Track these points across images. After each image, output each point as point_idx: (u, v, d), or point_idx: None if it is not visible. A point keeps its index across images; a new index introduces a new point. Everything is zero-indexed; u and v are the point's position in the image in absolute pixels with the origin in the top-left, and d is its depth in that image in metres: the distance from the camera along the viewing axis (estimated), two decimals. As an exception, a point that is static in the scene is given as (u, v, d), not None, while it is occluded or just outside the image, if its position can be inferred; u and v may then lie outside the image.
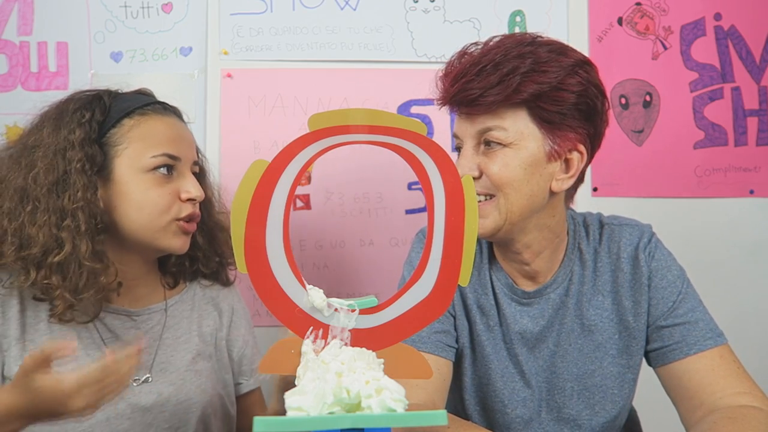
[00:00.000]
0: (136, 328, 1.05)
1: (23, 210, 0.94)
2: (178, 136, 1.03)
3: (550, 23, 1.54)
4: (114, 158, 0.98)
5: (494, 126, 0.94)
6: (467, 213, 0.69)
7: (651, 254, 1.04)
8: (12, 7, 1.43)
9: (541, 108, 0.93)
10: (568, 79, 0.93)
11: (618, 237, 1.06)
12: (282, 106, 1.48)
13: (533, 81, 0.92)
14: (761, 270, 1.59)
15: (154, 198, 0.98)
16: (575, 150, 0.97)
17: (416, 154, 0.68)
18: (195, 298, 1.13)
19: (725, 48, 1.58)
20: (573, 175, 0.98)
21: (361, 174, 1.49)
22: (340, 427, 0.54)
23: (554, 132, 0.95)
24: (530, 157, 0.95)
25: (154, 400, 1.00)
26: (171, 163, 1.00)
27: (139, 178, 0.98)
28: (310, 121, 0.64)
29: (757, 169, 1.59)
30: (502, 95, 0.91)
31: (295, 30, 1.49)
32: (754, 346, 1.58)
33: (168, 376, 1.03)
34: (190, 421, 1.02)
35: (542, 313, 1.05)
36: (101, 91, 1.03)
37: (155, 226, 0.99)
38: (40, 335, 0.98)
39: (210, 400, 1.06)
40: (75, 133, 0.96)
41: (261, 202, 0.66)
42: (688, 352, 0.98)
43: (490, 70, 0.92)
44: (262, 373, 1.10)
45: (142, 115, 1.01)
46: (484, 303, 1.08)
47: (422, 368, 0.71)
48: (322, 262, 1.49)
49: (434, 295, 0.70)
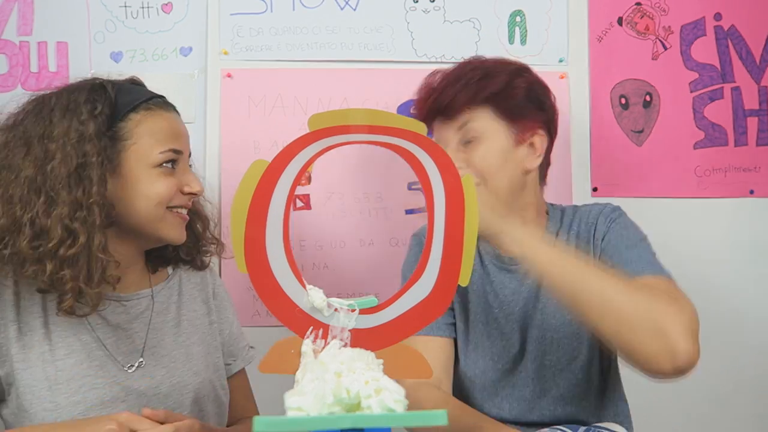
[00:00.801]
0: (126, 313, 1.05)
1: (36, 200, 0.93)
2: (180, 132, 1.06)
3: (550, 23, 1.54)
4: (121, 152, 0.99)
5: (467, 121, 1.14)
6: (467, 213, 0.69)
7: (612, 218, 1.16)
8: (12, 7, 1.43)
9: (501, 104, 1.13)
10: (515, 80, 1.14)
11: (588, 209, 1.21)
12: (282, 106, 1.48)
13: (489, 84, 1.13)
14: (761, 270, 1.59)
15: (161, 190, 1.00)
16: (536, 134, 1.16)
17: (416, 154, 0.68)
18: (181, 284, 1.15)
19: (725, 48, 1.58)
20: (540, 155, 1.17)
21: (361, 174, 1.49)
22: (340, 427, 0.54)
23: (515, 122, 1.14)
24: (501, 146, 1.13)
25: (148, 384, 1.02)
26: (175, 158, 1.03)
27: (147, 172, 1.00)
28: (310, 121, 0.64)
29: (757, 169, 1.59)
30: (466, 96, 1.12)
31: (295, 30, 1.49)
32: (754, 346, 1.58)
33: (160, 360, 1.05)
34: (184, 403, 1.04)
35: (526, 275, 1.13)
36: (103, 81, 1.03)
37: (158, 217, 1.01)
38: (34, 318, 0.99)
39: (203, 382, 1.07)
40: (88, 125, 0.96)
41: (261, 202, 0.66)
42: (633, 276, 1.00)
43: (453, 82, 1.14)
44: (263, 372, 1.10)
45: (147, 110, 1.02)
46: (473, 274, 1.14)
47: (422, 368, 0.71)
48: (322, 262, 1.49)
49: (434, 295, 0.70)
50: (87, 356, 0.99)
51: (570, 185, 1.53)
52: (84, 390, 0.97)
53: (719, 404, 1.56)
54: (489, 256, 1.21)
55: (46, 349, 0.98)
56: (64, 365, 0.98)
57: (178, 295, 1.13)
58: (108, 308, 1.03)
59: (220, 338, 1.16)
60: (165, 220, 1.01)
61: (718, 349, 1.58)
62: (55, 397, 0.95)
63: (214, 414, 1.10)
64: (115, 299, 1.04)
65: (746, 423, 1.57)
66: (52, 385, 0.96)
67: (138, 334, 1.05)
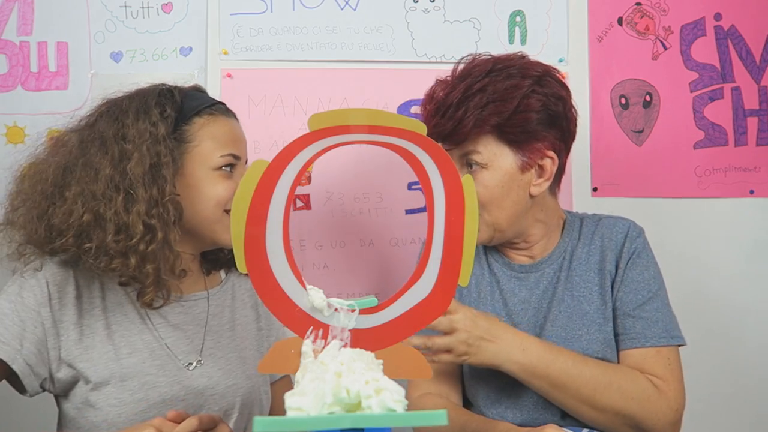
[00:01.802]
0: (185, 313, 1.09)
1: (117, 198, 0.97)
2: (240, 137, 1.10)
3: (550, 23, 1.54)
4: (184, 154, 1.04)
5: (471, 150, 1.08)
6: (467, 213, 0.69)
7: (636, 249, 1.13)
8: (12, 7, 1.43)
9: (507, 132, 1.07)
10: (528, 101, 1.06)
11: (612, 224, 1.17)
12: (282, 106, 1.48)
13: (495, 112, 1.05)
14: (761, 270, 1.59)
15: (220, 192, 1.04)
16: (545, 157, 1.10)
17: (416, 154, 0.68)
18: (234, 288, 1.18)
19: (725, 48, 1.58)
20: (548, 179, 1.11)
21: (361, 174, 1.49)
22: (340, 427, 0.54)
23: (522, 147, 1.08)
24: (505, 174, 1.08)
25: (206, 384, 1.05)
26: (234, 162, 1.07)
27: (208, 174, 1.04)
28: (310, 121, 0.64)
29: (757, 169, 1.59)
30: (468, 128, 1.05)
31: (295, 30, 1.49)
32: (754, 346, 1.58)
33: (217, 361, 1.08)
34: (236, 404, 1.07)
35: (537, 284, 1.15)
36: (170, 87, 1.07)
37: (216, 219, 1.04)
38: (95, 320, 1.02)
39: (253, 386, 1.11)
40: (158, 126, 1.01)
41: (261, 201, 0.66)
42: (644, 344, 1.09)
43: (455, 109, 1.06)
44: (262, 373, 1.11)
45: (210, 114, 1.07)
46: (481, 282, 1.19)
47: (422, 368, 0.71)
48: (322, 262, 1.49)
49: (434, 295, 0.70)
50: (149, 355, 1.03)
51: (570, 185, 1.53)
52: (146, 388, 1.00)
53: (719, 404, 1.56)
54: (498, 264, 1.20)
55: (109, 349, 1.01)
56: (128, 363, 1.01)
57: (232, 299, 1.17)
58: (168, 307, 1.06)
59: (267, 344, 1.18)
60: (222, 222, 1.04)
61: (718, 349, 1.58)
62: (120, 394, 0.99)
63: None
64: (174, 299, 1.07)
65: (746, 423, 1.57)
66: (117, 382, 0.99)
67: (196, 335, 1.09)
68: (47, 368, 1.00)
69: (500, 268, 1.19)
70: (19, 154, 1.09)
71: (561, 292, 1.14)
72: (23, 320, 0.98)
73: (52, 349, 0.99)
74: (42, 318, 0.99)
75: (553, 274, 1.16)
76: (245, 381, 1.09)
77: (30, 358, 0.97)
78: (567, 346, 1.11)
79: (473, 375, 1.16)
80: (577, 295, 1.14)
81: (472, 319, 1.01)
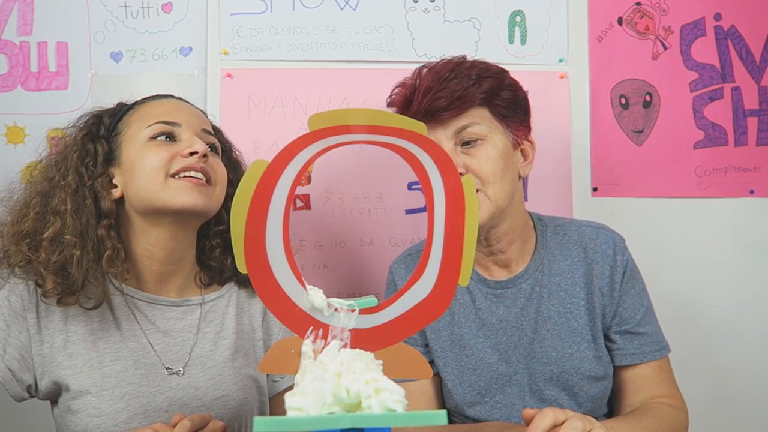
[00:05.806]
0: (177, 318, 1.07)
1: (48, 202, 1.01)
2: (175, 107, 1.08)
3: (550, 23, 1.54)
4: (120, 144, 1.05)
5: (469, 123, 1.08)
6: (467, 213, 0.69)
7: (628, 262, 1.14)
8: (12, 7, 1.43)
9: (496, 104, 1.09)
10: (503, 81, 1.11)
11: (595, 234, 1.16)
12: (282, 106, 1.48)
13: (484, 83, 1.08)
14: (761, 270, 1.59)
15: (153, 160, 1.01)
16: (526, 140, 1.15)
17: (416, 154, 0.68)
18: (232, 295, 1.15)
19: (725, 48, 1.58)
20: (531, 161, 1.15)
21: (361, 174, 1.49)
22: (340, 427, 0.54)
23: (510, 125, 1.11)
24: (503, 147, 1.09)
25: (192, 395, 1.02)
26: (169, 130, 1.04)
27: (140, 150, 1.03)
28: (310, 121, 0.64)
29: (757, 169, 1.59)
30: (467, 95, 1.06)
31: (295, 30, 1.49)
32: (754, 346, 1.58)
33: (207, 371, 1.05)
34: (226, 417, 1.04)
35: (515, 301, 1.14)
36: (104, 111, 1.11)
37: (155, 187, 1.01)
38: (81, 326, 1.01)
39: (247, 397, 1.08)
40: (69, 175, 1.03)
41: (261, 201, 0.66)
42: (642, 359, 1.12)
43: (451, 79, 1.07)
44: (262, 372, 1.10)
45: (140, 104, 1.08)
46: (454, 304, 1.16)
47: (422, 368, 0.71)
48: (322, 262, 1.49)
49: (434, 295, 0.70)
50: (133, 363, 1.00)
51: (570, 185, 1.53)
52: (127, 398, 0.98)
53: (719, 404, 1.56)
54: (473, 280, 1.16)
55: (93, 356, 0.99)
56: (110, 371, 0.99)
57: (229, 308, 1.13)
58: (157, 312, 1.04)
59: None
60: (168, 188, 1.01)
61: (718, 349, 1.58)
62: (99, 404, 0.96)
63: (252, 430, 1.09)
64: (164, 303, 1.06)
65: (746, 423, 1.57)
66: (98, 391, 0.97)
67: (186, 342, 1.06)
68: (32, 374, 0.99)
69: (475, 285, 1.16)
70: (19, 155, 1.09)
71: (547, 309, 1.13)
72: (9, 325, 0.98)
73: (36, 356, 0.98)
74: (28, 324, 0.98)
75: (530, 290, 1.14)
76: (237, 393, 1.06)
77: (12, 363, 0.97)
78: (559, 366, 1.10)
79: (455, 375, 1.15)
80: (564, 311, 1.12)
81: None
